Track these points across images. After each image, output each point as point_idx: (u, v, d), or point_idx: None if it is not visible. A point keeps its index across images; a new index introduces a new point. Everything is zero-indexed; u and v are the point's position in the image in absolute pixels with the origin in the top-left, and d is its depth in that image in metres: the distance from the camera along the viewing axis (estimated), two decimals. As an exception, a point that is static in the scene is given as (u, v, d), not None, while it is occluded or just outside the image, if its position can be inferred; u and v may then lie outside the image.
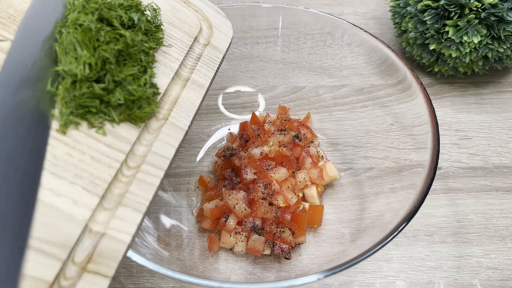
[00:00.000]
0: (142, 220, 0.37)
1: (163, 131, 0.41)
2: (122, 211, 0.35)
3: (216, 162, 0.63)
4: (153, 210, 0.58)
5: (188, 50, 0.49)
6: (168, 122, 0.42)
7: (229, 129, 0.70)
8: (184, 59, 0.48)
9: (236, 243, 0.54)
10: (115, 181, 0.36)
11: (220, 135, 0.70)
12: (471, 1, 0.64)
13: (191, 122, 0.45)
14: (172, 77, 0.46)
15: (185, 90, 0.46)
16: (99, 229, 0.34)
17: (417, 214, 0.44)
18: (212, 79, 0.49)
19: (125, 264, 0.56)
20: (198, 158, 0.67)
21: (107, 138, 0.37)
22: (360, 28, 0.64)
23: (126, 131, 0.39)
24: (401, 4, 0.75)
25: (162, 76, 0.45)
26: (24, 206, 0.30)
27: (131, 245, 0.36)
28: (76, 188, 0.34)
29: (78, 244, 0.32)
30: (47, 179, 0.33)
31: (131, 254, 0.40)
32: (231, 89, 0.73)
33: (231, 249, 0.56)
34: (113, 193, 0.36)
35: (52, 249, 0.31)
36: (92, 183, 0.35)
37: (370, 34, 0.63)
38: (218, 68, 0.51)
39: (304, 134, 0.63)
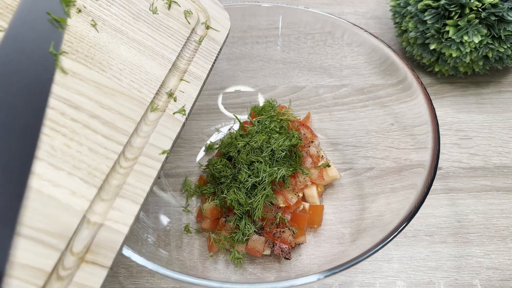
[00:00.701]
0: (140, 211, 0.37)
1: (161, 123, 0.42)
2: (119, 202, 0.36)
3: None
4: (153, 210, 0.58)
5: (186, 42, 0.49)
6: (165, 114, 0.43)
7: (229, 129, 0.70)
8: (181, 50, 0.48)
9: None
10: (112, 172, 0.37)
11: (220, 135, 0.70)
12: (472, 1, 0.64)
13: (189, 114, 0.45)
14: (170, 69, 0.46)
15: (182, 82, 0.46)
16: (97, 219, 0.34)
17: (418, 214, 0.44)
18: (210, 71, 0.49)
19: (125, 264, 0.56)
20: (198, 158, 0.67)
21: (105, 129, 0.37)
22: (360, 27, 0.64)
23: (123, 123, 0.39)
24: (401, 4, 0.75)
25: (159, 67, 0.45)
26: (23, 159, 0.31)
27: (129, 236, 0.36)
28: (74, 179, 0.34)
29: (76, 234, 0.33)
30: (45, 170, 0.33)
31: (131, 254, 0.40)
32: (231, 89, 0.73)
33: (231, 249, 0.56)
34: (111, 184, 0.36)
35: (50, 239, 0.31)
36: (90, 174, 0.35)
37: (371, 33, 0.63)
38: (215, 59, 0.51)
39: (304, 134, 0.63)
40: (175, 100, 0.44)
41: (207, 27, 0.52)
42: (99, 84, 0.39)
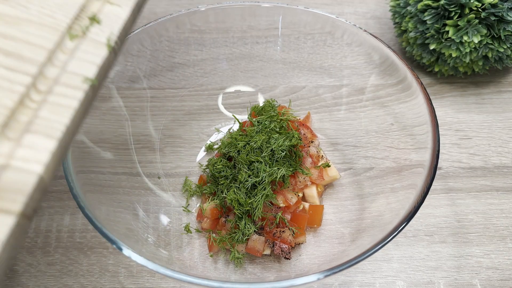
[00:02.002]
0: (62, 148, 0.33)
1: (82, 49, 0.37)
2: (30, 138, 0.32)
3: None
4: (153, 210, 0.58)
5: None
6: (87, 38, 0.38)
7: (229, 129, 0.70)
8: None
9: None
10: (20, 107, 0.33)
11: (220, 135, 0.70)
12: (471, 1, 0.64)
13: (119, 38, 0.40)
14: None
15: (107, 3, 0.41)
16: (1, 161, 0.30)
17: (417, 214, 0.44)
18: None
19: (125, 264, 0.56)
20: (198, 158, 0.67)
21: (7, 60, 0.33)
22: (360, 28, 0.64)
23: (31, 52, 0.35)
24: (401, 4, 0.75)
25: None
26: None
27: (50, 176, 0.32)
28: None
29: None
30: None
31: (131, 254, 0.40)
32: (231, 89, 0.73)
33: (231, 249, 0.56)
34: (19, 121, 0.32)
35: None
36: None
37: (370, 34, 0.63)
38: None
39: (304, 134, 0.63)
40: (98, 23, 0.39)
41: None
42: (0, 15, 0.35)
